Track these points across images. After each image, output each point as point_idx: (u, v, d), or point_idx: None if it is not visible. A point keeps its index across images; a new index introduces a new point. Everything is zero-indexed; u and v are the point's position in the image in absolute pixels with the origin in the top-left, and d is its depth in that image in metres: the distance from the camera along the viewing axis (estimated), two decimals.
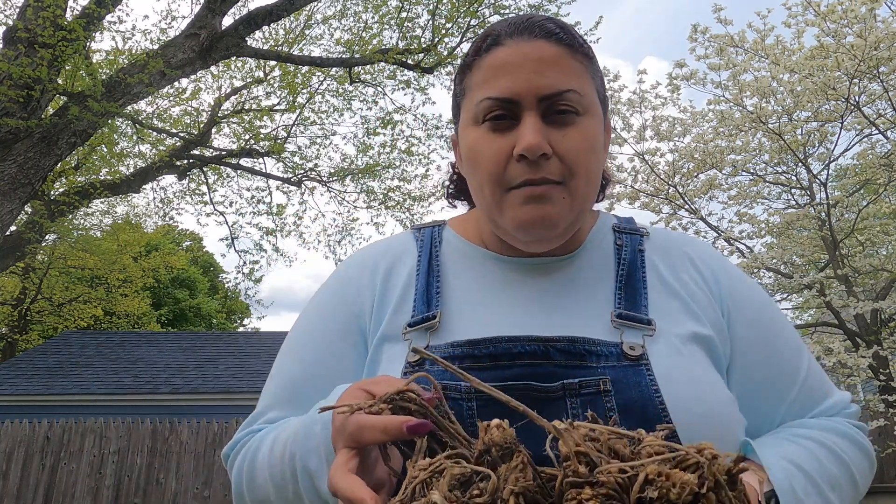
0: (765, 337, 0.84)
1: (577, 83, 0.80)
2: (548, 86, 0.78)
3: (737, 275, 0.89)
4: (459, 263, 0.89)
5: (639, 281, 0.84)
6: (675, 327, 0.79)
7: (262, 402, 0.88)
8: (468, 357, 0.75)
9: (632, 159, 7.93)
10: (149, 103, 11.40)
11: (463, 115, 0.85)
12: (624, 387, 0.71)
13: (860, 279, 7.76)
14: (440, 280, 0.86)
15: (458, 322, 0.81)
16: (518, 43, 0.80)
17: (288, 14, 8.95)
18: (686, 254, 0.89)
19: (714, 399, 0.74)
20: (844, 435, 0.80)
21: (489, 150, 0.80)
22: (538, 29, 0.81)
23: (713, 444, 0.68)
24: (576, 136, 0.79)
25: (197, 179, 12.50)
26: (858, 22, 6.27)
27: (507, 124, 0.79)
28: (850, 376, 7.16)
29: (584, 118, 0.80)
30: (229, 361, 12.43)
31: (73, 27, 6.98)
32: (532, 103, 0.78)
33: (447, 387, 0.72)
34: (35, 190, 7.44)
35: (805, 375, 0.84)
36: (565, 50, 0.80)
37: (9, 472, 8.13)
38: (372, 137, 12.21)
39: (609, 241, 0.90)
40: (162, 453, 8.42)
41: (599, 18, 9.90)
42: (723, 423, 0.73)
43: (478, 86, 0.82)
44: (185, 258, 21.37)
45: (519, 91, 0.78)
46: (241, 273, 12.95)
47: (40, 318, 16.31)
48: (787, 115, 7.09)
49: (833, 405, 0.85)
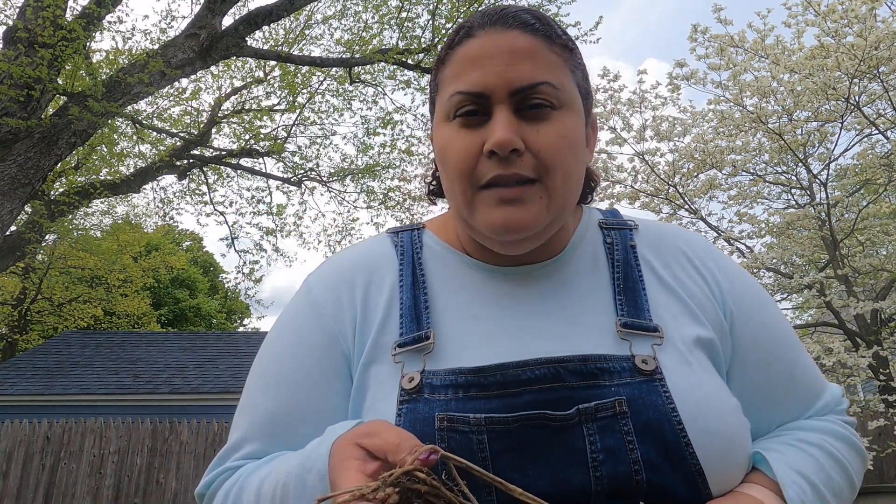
0: (766, 337, 0.82)
1: (553, 76, 0.75)
2: (520, 78, 0.73)
3: (735, 272, 0.86)
4: (443, 272, 0.83)
5: (637, 282, 0.80)
6: (678, 331, 0.76)
7: (235, 435, 0.80)
8: (473, 386, 0.70)
9: (632, 159, 7.93)
10: (149, 103, 11.41)
11: (436, 111, 0.81)
12: (640, 407, 0.68)
13: (860, 279, 7.76)
14: (427, 294, 0.80)
15: (454, 343, 0.75)
16: (490, 34, 0.76)
17: (288, 14, 8.94)
18: (681, 250, 0.85)
19: (726, 410, 0.72)
20: (841, 438, 0.80)
21: (459, 147, 0.75)
22: (512, 19, 0.76)
23: (730, 459, 0.70)
24: (551, 131, 0.74)
25: (197, 179, 12.51)
26: (858, 22, 6.27)
27: (478, 120, 0.75)
28: (850, 376, 7.16)
29: (560, 112, 0.75)
30: (229, 361, 12.43)
31: (73, 27, 6.98)
32: (503, 97, 0.73)
33: (454, 419, 0.68)
34: (35, 190, 7.43)
35: (801, 375, 0.83)
36: (541, 41, 0.76)
37: (9, 472, 8.13)
38: (372, 137, 12.23)
39: (598, 240, 0.85)
40: (162, 453, 8.42)
41: (599, 18, 9.90)
42: (735, 435, 0.72)
43: (449, 80, 0.78)
44: (185, 258, 21.35)
45: (489, 84, 0.74)
46: (241, 273, 12.96)
47: (40, 318, 16.31)
48: (787, 115, 7.09)
49: (827, 403, 0.84)
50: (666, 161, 7.83)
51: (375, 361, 0.76)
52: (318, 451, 0.66)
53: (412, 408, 0.70)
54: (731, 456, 0.70)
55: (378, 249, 0.87)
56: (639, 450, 0.66)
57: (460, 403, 0.69)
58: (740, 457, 0.72)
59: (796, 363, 0.83)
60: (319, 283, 0.85)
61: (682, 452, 0.67)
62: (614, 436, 0.67)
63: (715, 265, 0.85)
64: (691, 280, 0.82)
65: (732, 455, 0.70)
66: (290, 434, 0.76)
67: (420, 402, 0.70)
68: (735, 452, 0.71)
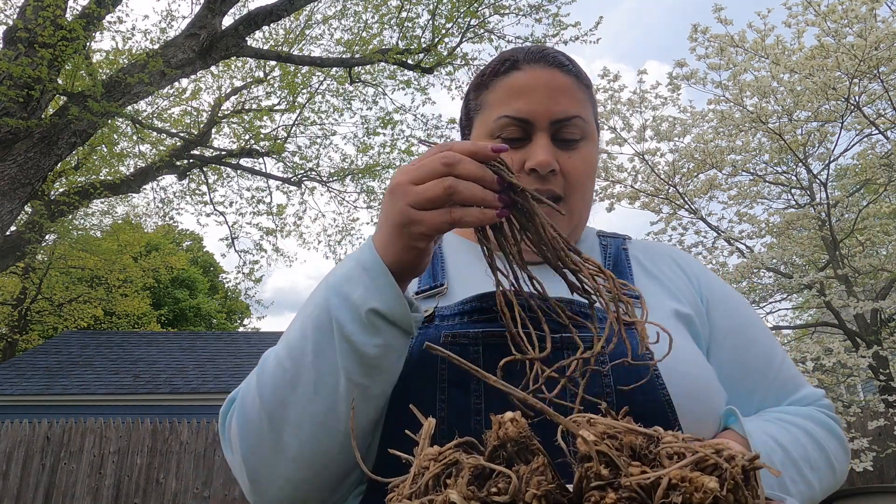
0: (741, 325, 0.91)
1: (583, 111, 0.90)
2: (560, 111, 0.87)
3: (717, 280, 0.97)
4: (458, 249, 0.96)
5: (625, 268, 0.93)
6: (658, 304, 0.86)
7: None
8: (477, 311, 0.81)
9: (632, 159, 7.93)
10: (149, 103, 11.41)
11: (477, 128, 0.93)
12: (618, 344, 0.72)
13: (860, 279, 7.76)
14: (443, 259, 0.94)
15: (464, 291, 0.86)
16: (535, 69, 0.89)
17: (288, 14, 8.94)
18: (669, 255, 0.99)
19: (697, 363, 0.80)
20: (822, 423, 0.85)
21: None
22: (552, 59, 0.90)
23: (700, 402, 0.76)
24: (579, 158, 0.89)
25: (197, 179, 12.50)
26: (859, 22, 6.27)
27: (520, 143, 0.88)
28: (850, 376, 7.17)
29: (586, 143, 0.90)
30: (229, 361, 12.43)
31: (73, 27, 6.98)
32: (545, 125, 0.87)
33: (457, 334, 0.78)
34: (35, 190, 7.43)
35: (780, 364, 0.90)
36: (574, 80, 0.90)
37: (9, 472, 8.13)
38: (372, 137, 12.23)
39: (595, 244, 0.99)
40: (162, 453, 8.42)
41: (600, 19, 9.89)
42: (707, 385, 0.79)
43: (495, 104, 0.90)
44: (185, 258, 21.35)
45: (534, 112, 0.87)
46: (241, 273, 12.96)
47: (40, 318, 16.31)
48: (787, 115, 7.09)
49: (806, 396, 0.89)
50: (666, 161, 7.83)
51: None
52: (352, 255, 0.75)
53: (423, 332, 0.80)
54: (701, 397, 0.77)
55: None
56: (611, 376, 0.75)
57: (465, 327, 0.80)
58: (710, 404, 0.79)
59: (773, 354, 0.91)
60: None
61: (652, 381, 0.74)
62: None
63: (697, 268, 0.97)
64: (673, 272, 0.95)
65: (702, 397, 0.77)
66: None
67: (430, 328, 0.81)
68: (705, 396, 0.78)
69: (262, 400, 0.71)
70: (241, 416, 0.73)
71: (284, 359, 0.71)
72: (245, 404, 0.73)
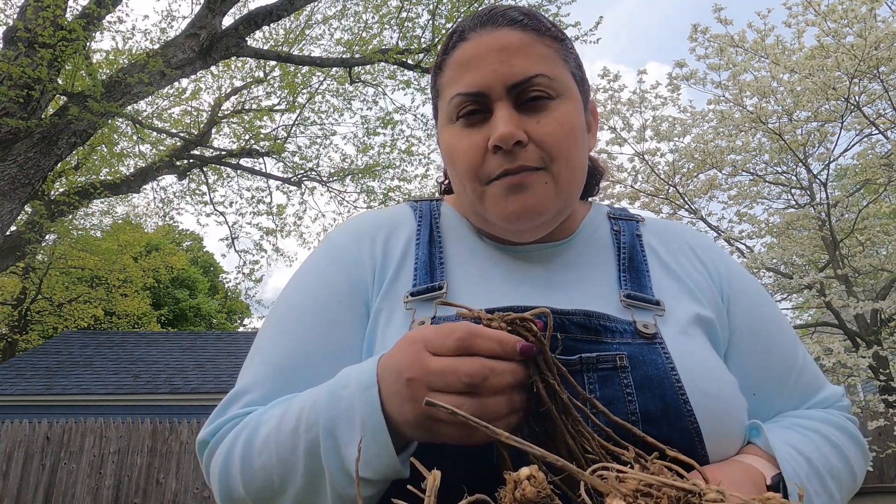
0: (763, 327, 0.84)
1: (547, 67, 0.78)
2: (514, 73, 0.76)
3: (737, 267, 0.89)
4: (458, 237, 0.87)
5: (641, 263, 0.84)
6: (678, 308, 0.79)
7: (243, 381, 0.77)
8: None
9: (632, 159, 7.93)
10: (149, 103, 11.42)
11: (440, 115, 0.85)
12: (640, 363, 0.70)
13: (860, 279, 7.75)
14: (442, 252, 0.84)
15: (464, 295, 0.78)
16: (482, 35, 0.79)
17: (288, 14, 8.94)
18: (686, 242, 0.89)
19: (722, 377, 0.74)
20: (842, 428, 0.81)
21: (464, 146, 0.79)
22: (501, 18, 0.79)
23: (726, 423, 0.71)
24: (550, 120, 0.77)
25: (197, 179, 12.51)
26: (858, 22, 6.27)
27: (480, 118, 0.78)
28: (850, 376, 7.16)
29: (558, 102, 0.78)
30: (229, 361, 12.43)
31: (73, 27, 6.97)
32: (501, 93, 0.76)
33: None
34: (35, 190, 7.43)
35: (801, 366, 0.85)
36: (531, 35, 0.79)
37: (9, 472, 8.13)
38: (372, 137, 12.23)
39: (605, 227, 0.90)
40: (162, 453, 8.42)
41: (600, 19, 9.89)
42: (732, 403, 0.73)
43: (448, 84, 0.81)
44: (185, 258, 21.35)
45: (486, 82, 0.77)
46: (242, 273, 12.97)
47: (40, 318, 16.31)
48: (787, 115, 7.09)
49: (827, 398, 0.85)
50: (666, 161, 7.83)
51: (388, 308, 0.79)
52: (355, 369, 0.65)
53: None
54: (727, 418, 0.72)
55: (398, 212, 0.92)
56: (637, 402, 0.68)
57: None
58: (736, 423, 0.73)
59: (795, 355, 0.85)
60: (341, 235, 0.88)
61: (679, 409, 0.68)
62: (613, 387, 0.69)
63: (718, 258, 0.88)
64: (692, 266, 0.86)
65: (728, 418, 0.72)
66: (303, 379, 0.74)
67: None
68: (730, 415, 0.72)
69: (247, 492, 0.69)
70: (224, 492, 0.71)
71: (273, 467, 0.66)
72: (230, 485, 0.70)
